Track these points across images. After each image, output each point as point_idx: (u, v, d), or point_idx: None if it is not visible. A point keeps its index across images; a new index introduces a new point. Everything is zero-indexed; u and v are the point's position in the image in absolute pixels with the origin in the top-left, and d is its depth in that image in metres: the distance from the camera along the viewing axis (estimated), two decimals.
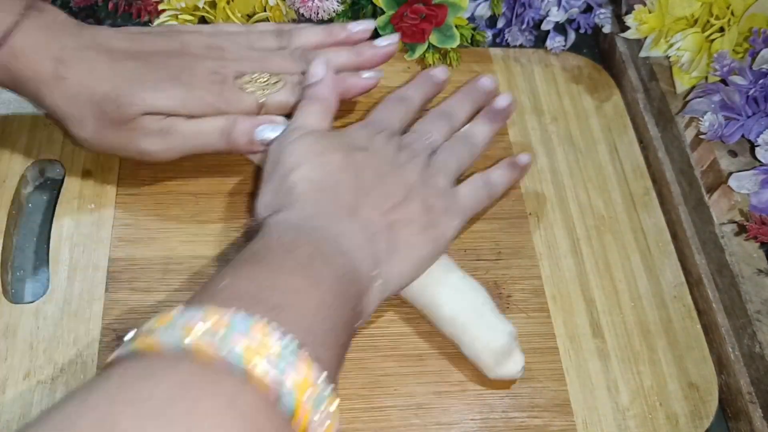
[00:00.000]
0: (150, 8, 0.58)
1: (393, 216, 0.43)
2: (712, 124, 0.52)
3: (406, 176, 0.45)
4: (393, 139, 0.48)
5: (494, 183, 0.51)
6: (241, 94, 0.48)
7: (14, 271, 0.49)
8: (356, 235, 0.41)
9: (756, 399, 0.47)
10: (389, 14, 0.59)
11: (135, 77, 0.45)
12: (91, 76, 0.45)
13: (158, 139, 0.46)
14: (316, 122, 0.47)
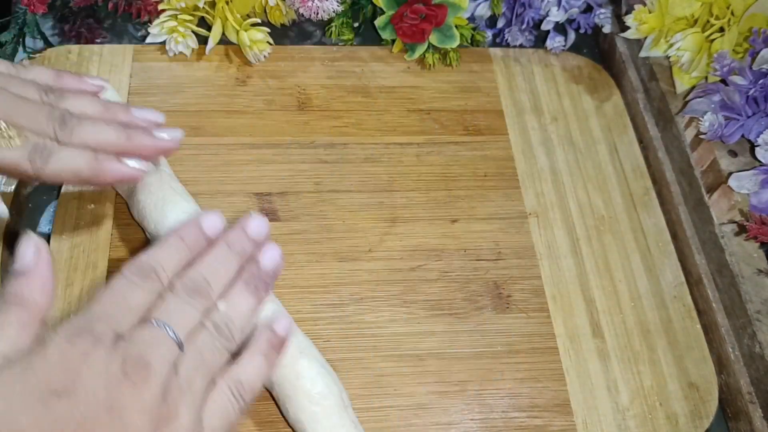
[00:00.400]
0: (150, 8, 0.58)
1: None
2: (712, 124, 0.52)
3: (129, 424, 0.31)
4: (114, 355, 0.32)
5: (251, 385, 0.37)
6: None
7: None
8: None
9: (756, 399, 0.47)
10: (389, 14, 0.59)
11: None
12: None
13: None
14: (14, 339, 0.32)
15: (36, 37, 0.56)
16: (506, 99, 0.60)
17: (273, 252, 0.40)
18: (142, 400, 0.32)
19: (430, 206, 0.54)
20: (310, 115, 0.57)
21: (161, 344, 0.34)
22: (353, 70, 0.60)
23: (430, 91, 0.60)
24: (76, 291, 0.47)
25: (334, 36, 0.61)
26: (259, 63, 0.59)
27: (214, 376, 0.36)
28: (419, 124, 0.58)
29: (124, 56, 0.58)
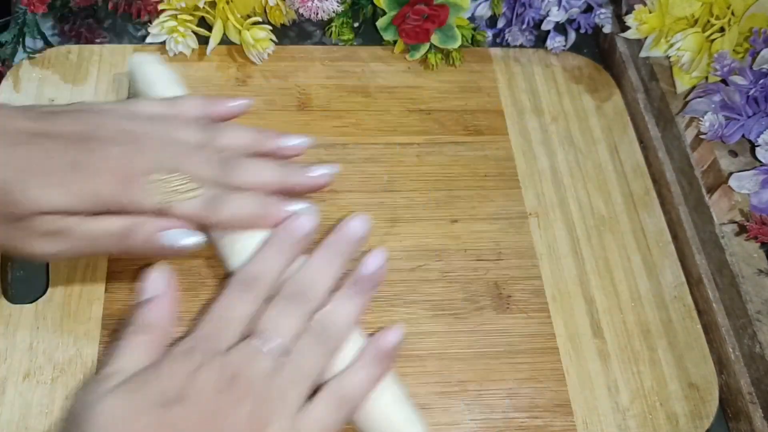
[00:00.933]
0: (150, 8, 0.58)
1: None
2: (712, 124, 0.52)
3: (236, 427, 0.35)
4: (215, 372, 0.37)
5: (353, 396, 0.39)
6: (144, 194, 0.41)
7: (14, 271, 0.49)
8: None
9: (756, 399, 0.47)
10: (391, 15, 0.59)
11: (27, 167, 0.39)
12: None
13: (49, 243, 0.40)
14: (140, 359, 0.38)
15: (36, 37, 0.56)
16: (506, 99, 0.60)
17: (376, 257, 0.42)
18: (238, 414, 0.35)
19: (431, 206, 0.54)
20: (310, 115, 0.57)
21: (259, 358, 0.37)
22: (353, 70, 0.60)
23: (430, 91, 0.60)
24: (76, 291, 0.47)
25: (334, 36, 0.61)
26: (260, 63, 0.59)
27: (315, 383, 0.38)
28: (419, 124, 0.58)
29: (124, 56, 0.58)
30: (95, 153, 0.40)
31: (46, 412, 0.42)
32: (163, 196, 0.40)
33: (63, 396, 0.43)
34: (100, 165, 0.40)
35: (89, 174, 0.40)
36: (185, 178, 0.41)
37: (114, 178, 0.40)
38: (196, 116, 0.46)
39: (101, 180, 0.40)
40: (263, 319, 0.39)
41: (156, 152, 0.42)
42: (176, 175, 0.41)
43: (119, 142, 0.41)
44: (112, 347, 0.39)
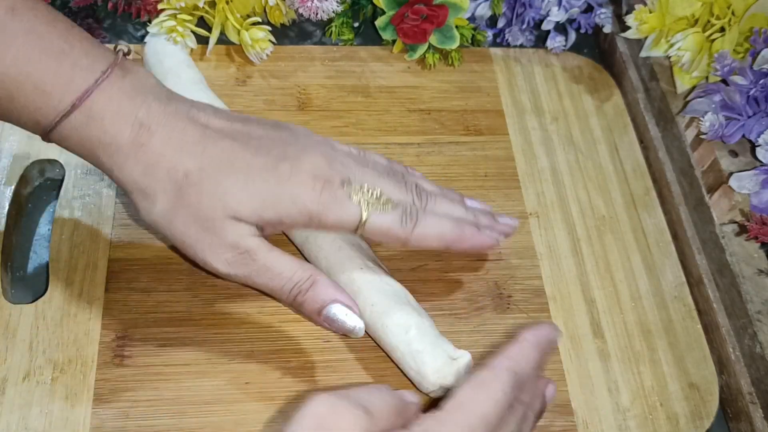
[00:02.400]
0: (149, 8, 0.58)
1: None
2: (712, 124, 0.52)
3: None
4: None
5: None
6: (344, 200, 0.40)
7: (14, 271, 0.49)
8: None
9: (757, 399, 0.47)
10: (390, 14, 0.59)
11: (225, 160, 0.39)
12: (176, 148, 0.39)
13: (232, 261, 0.40)
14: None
15: None
16: (507, 99, 0.60)
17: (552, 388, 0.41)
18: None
19: None
20: (310, 115, 0.57)
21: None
22: (353, 70, 0.60)
23: (430, 91, 0.60)
24: (76, 291, 0.47)
25: (334, 36, 0.61)
26: (259, 63, 0.59)
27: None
28: (419, 124, 0.58)
29: None
30: (295, 155, 0.40)
31: (46, 412, 0.42)
32: (361, 204, 0.41)
33: (63, 396, 0.43)
34: (298, 167, 0.40)
35: (285, 177, 0.40)
36: (382, 192, 0.42)
37: (312, 182, 0.40)
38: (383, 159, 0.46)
39: (297, 183, 0.40)
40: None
41: (352, 167, 0.42)
42: (373, 187, 0.41)
43: (315, 152, 0.41)
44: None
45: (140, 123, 0.39)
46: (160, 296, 0.47)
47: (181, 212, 0.40)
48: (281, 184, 0.40)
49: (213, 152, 0.39)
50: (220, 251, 0.40)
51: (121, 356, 0.45)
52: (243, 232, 0.40)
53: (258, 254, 0.40)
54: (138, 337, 0.45)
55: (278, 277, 0.41)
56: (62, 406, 0.43)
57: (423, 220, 0.42)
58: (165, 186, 0.39)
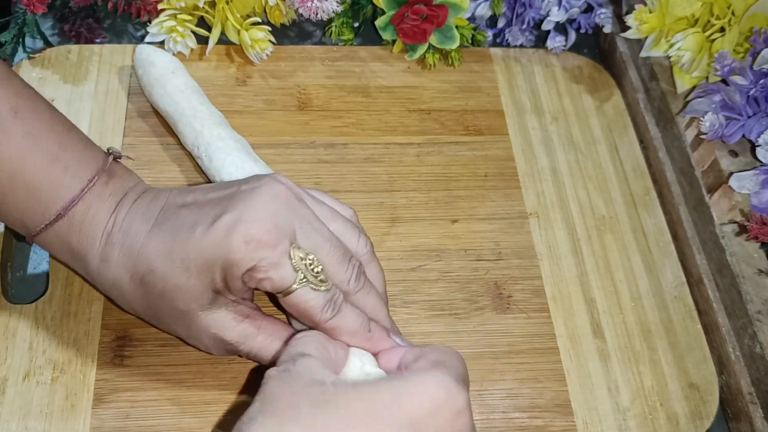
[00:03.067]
0: (149, 8, 0.58)
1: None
2: (712, 124, 0.52)
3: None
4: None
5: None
6: (282, 260, 0.38)
7: (14, 271, 0.49)
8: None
9: (757, 399, 0.47)
10: (390, 14, 0.59)
11: (169, 244, 0.39)
12: (130, 258, 0.39)
13: (219, 349, 0.42)
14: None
15: (36, 37, 0.56)
16: (507, 99, 0.60)
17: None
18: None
19: (431, 206, 0.54)
20: (310, 115, 0.57)
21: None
22: (353, 70, 0.60)
23: (430, 91, 0.60)
24: (76, 291, 0.47)
25: (334, 36, 0.61)
26: (259, 63, 0.59)
27: None
28: (419, 124, 0.58)
29: (124, 56, 0.58)
30: (236, 210, 0.38)
31: (46, 412, 0.42)
32: (298, 273, 0.38)
33: (63, 396, 0.43)
34: (241, 219, 0.38)
35: (225, 231, 0.37)
36: (322, 266, 0.39)
37: (268, 236, 0.38)
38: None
39: (236, 238, 0.37)
40: None
41: (306, 226, 0.39)
42: (314, 258, 0.39)
43: (267, 206, 0.39)
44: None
45: (107, 236, 0.40)
46: None
47: (159, 315, 0.41)
48: (216, 245, 0.38)
49: (157, 248, 0.39)
50: (210, 343, 0.41)
51: (121, 356, 0.45)
52: (219, 325, 0.40)
53: (243, 345, 0.41)
54: (138, 337, 0.45)
55: (262, 361, 0.42)
56: (62, 406, 0.43)
57: (342, 312, 0.40)
58: (136, 296, 0.40)
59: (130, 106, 0.55)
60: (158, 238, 0.39)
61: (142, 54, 0.54)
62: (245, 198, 0.39)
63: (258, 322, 0.41)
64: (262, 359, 0.42)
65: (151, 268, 0.39)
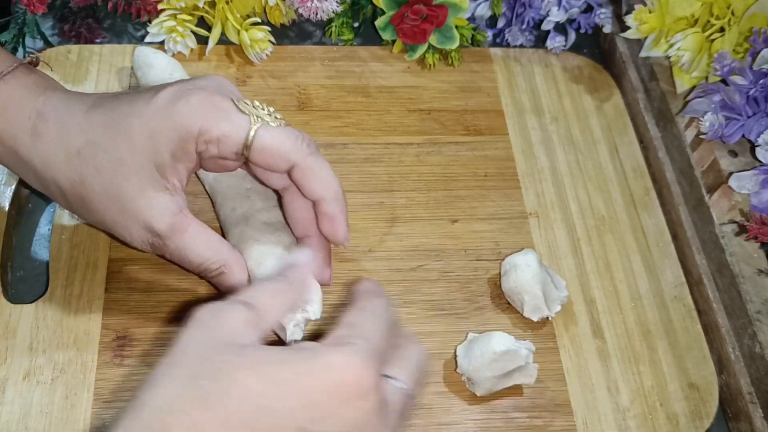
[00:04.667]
0: (149, 8, 0.58)
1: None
2: (712, 124, 0.52)
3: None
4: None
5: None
6: (230, 112, 0.39)
7: (14, 271, 0.49)
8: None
9: (756, 399, 0.47)
10: (390, 15, 0.59)
11: (110, 122, 0.39)
12: (68, 129, 0.39)
13: (146, 242, 0.41)
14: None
15: (36, 37, 0.56)
16: (506, 99, 0.60)
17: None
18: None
19: (431, 206, 0.54)
20: (310, 115, 0.57)
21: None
22: (353, 70, 0.60)
23: (430, 91, 0.60)
24: (76, 291, 0.47)
25: (334, 36, 0.61)
26: (259, 63, 0.59)
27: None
28: (419, 124, 0.58)
29: (124, 56, 0.58)
30: (175, 85, 0.40)
31: (46, 412, 0.42)
32: (251, 116, 0.39)
33: (63, 396, 0.43)
34: (182, 96, 0.39)
35: (170, 103, 0.38)
36: (275, 109, 0.41)
37: (198, 101, 0.38)
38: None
39: (184, 104, 0.38)
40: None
41: (243, 101, 0.40)
42: (265, 105, 0.40)
43: (207, 87, 0.40)
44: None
45: (38, 113, 0.39)
46: (160, 296, 0.47)
47: (90, 196, 0.39)
48: (160, 113, 0.38)
49: (98, 120, 0.39)
50: (136, 233, 0.40)
51: (121, 356, 0.45)
52: (154, 211, 0.39)
53: (169, 239, 0.40)
54: (138, 337, 0.45)
55: (189, 264, 0.41)
56: (62, 406, 0.43)
57: (320, 156, 0.40)
58: (68, 174, 0.39)
59: None
60: (98, 112, 0.39)
61: (141, 56, 0.54)
62: (182, 81, 0.40)
63: (190, 219, 0.41)
64: (186, 260, 0.41)
65: (92, 140, 0.38)
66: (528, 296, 0.47)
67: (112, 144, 0.38)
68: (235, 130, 0.38)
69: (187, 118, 0.38)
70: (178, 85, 0.40)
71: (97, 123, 0.39)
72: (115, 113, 0.39)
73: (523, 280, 0.47)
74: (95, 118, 0.39)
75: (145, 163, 0.38)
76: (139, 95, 0.40)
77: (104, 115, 0.39)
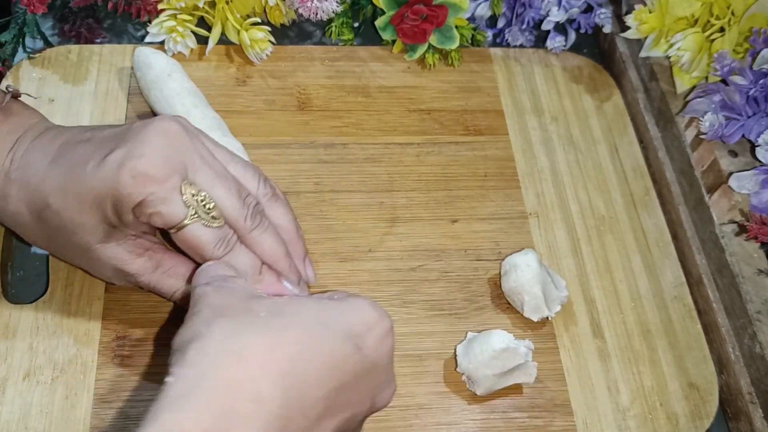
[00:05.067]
0: (149, 8, 0.58)
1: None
2: (712, 124, 0.52)
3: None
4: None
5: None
6: (173, 195, 0.39)
7: (14, 271, 0.49)
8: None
9: (756, 399, 0.47)
10: (389, 15, 0.59)
11: (64, 175, 0.39)
12: (27, 191, 0.40)
13: (121, 280, 0.43)
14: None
15: (36, 37, 0.56)
16: (506, 99, 0.60)
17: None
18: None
19: (430, 206, 0.54)
20: (310, 115, 0.57)
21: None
22: (353, 70, 0.60)
23: (430, 91, 0.60)
24: (76, 291, 0.47)
25: (334, 36, 0.61)
26: (259, 63, 0.59)
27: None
28: (419, 124, 0.58)
29: (124, 56, 0.58)
30: (126, 146, 0.38)
31: (46, 412, 0.42)
32: (189, 208, 0.39)
33: (63, 396, 0.43)
34: (131, 154, 0.38)
35: (115, 166, 0.38)
36: (214, 202, 0.40)
37: (157, 170, 0.38)
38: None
39: (124, 173, 0.37)
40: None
41: (197, 162, 0.40)
42: (207, 195, 0.39)
43: (157, 142, 0.39)
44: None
45: (5, 173, 0.41)
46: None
47: (61, 250, 0.43)
48: (106, 179, 0.38)
49: (54, 183, 0.39)
50: (111, 274, 0.43)
51: (121, 356, 0.45)
52: (121, 259, 0.42)
53: (141, 277, 0.43)
54: (138, 337, 0.45)
55: (160, 294, 0.44)
56: (62, 406, 0.43)
57: (235, 252, 0.41)
58: (36, 232, 0.42)
59: (130, 106, 0.55)
60: (54, 174, 0.40)
61: (140, 56, 0.54)
62: (136, 134, 0.39)
63: (158, 255, 0.43)
64: (162, 292, 0.43)
65: (47, 203, 0.40)
66: (528, 296, 0.47)
67: (64, 208, 0.39)
68: (170, 215, 0.39)
69: (131, 190, 0.38)
70: (128, 146, 0.39)
71: (53, 186, 0.40)
72: (69, 176, 0.39)
73: (523, 280, 0.47)
74: (52, 178, 0.40)
75: (98, 223, 0.40)
76: (95, 152, 0.39)
77: (59, 176, 0.40)
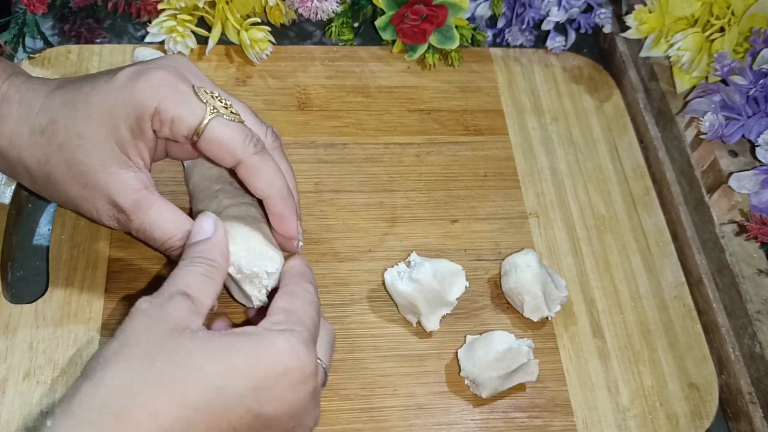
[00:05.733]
0: (150, 8, 0.58)
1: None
2: (712, 124, 0.52)
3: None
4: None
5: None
6: (189, 96, 0.39)
7: (14, 271, 0.49)
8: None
9: (756, 399, 0.47)
10: (389, 15, 0.59)
11: (70, 101, 0.40)
12: (32, 109, 0.40)
13: (112, 218, 0.41)
14: (199, 289, 0.36)
15: (36, 37, 0.56)
16: (506, 99, 0.60)
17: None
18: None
19: (430, 206, 0.54)
20: (310, 115, 0.57)
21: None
22: (353, 70, 0.60)
23: (430, 91, 0.60)
24: (76, 291, 0.47)
25: (334, 36, 0.61)
26: (259, 63, 0.59)
27: None
28: (419, 124, 0.58)
29: (124, 56, 0.58)
30: (136, 65, 0.40)
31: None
32: (208, 105, 0.39)
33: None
34: (143, 75, 0.39)
35: (128, 82, 0.39)
36: (231, 103, 0.41)
37: (158, 82, 0.39)
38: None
39: (140, 81, 0.38)
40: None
41: (207, 84, 0.41)
42: (221, 95, 0.40)
43: (167, 67, 0.40)
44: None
45: (2, 95, 0.40)
46: None
47: (56, 173, 0.40)
48: (120, 90, 0.39)
49: (59, 99, 0.39)
50: (102, 209, 0.41)
51: None
52: (118, 187, 0.40)
53: (134, 215, 0.40)
54: None
55: (153, 241, 0.41)
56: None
57: (266, 154, 0.40)
58: (33, 152, 0.40)
59: None
60: (60, 92, 0.40)
61: (140, 56, 0.54)
62: (144, 60, 0.41)
63: (155, 196, 0.41)
64: (151, 238, 0.41)
65: (53, 118, 0.39)
66: (528, 296, 0.47)
67: (72, 121, 0.39)
68: (189, 115, 0.39)
69: (145, 95, 0.38)
70: (140, 64, 0.40)
71: (59, 102, 0.39)
72: (77, 92, 0.40)
73: (523, 280, 0.47)
74: (57, 97, 0.40)
75: (106, 138, 0.39)
76: (101, 74, 0.41)
77: (66, 94, 0.40)
